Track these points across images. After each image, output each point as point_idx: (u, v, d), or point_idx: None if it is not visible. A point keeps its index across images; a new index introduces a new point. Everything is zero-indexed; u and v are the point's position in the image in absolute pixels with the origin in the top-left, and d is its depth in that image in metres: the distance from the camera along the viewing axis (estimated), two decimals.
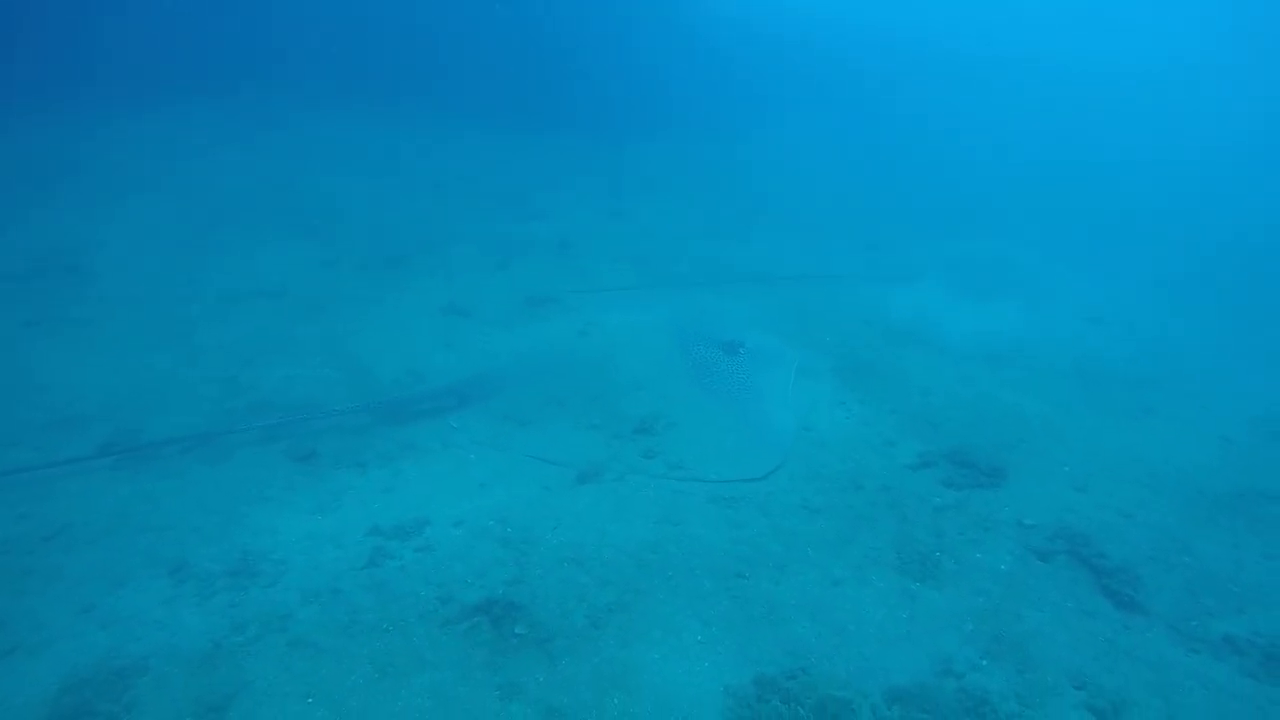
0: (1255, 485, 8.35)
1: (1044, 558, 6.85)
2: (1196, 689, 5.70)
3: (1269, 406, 10.30)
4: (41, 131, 18.69)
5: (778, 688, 5.35)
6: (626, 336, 9.16)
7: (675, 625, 5.93)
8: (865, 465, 8.18)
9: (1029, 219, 19.03)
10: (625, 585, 6.32)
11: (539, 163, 20.58)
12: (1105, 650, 5.94)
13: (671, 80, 28.13)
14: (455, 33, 27.36)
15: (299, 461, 7.87)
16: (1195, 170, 25.16)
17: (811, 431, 8.74)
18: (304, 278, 12.11)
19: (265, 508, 7.19)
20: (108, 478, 7.53)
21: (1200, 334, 12.99)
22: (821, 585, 6.42)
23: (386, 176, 18.16)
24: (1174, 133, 29.39)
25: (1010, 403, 9.62)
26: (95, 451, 7.81)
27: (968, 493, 7.78)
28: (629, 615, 6.02)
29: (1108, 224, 19.25)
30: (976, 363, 10.81)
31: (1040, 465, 8.33)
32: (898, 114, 31.17)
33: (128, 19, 24.92)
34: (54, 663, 5.52)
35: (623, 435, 8.21)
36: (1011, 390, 10.00)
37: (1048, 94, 33.85)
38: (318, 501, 7.31)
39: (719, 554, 6.72)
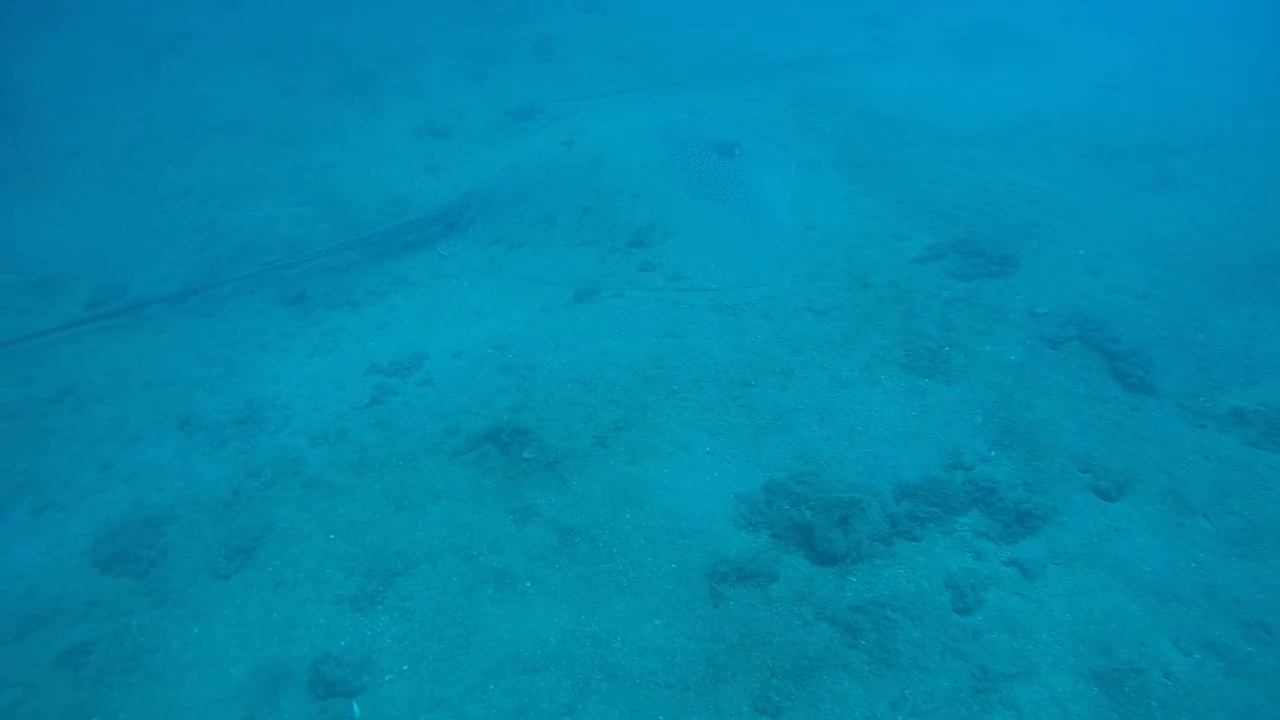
0: (1277, 251, 8.06)
1: (1055, 345, 6.72)
2: (1200, 462, 5.75)
3: None
4: None
5: (787, 492, 5.43)
6: (614, 144, 8.56)
7: (683, 439, 5.95)
8: (871, 261, 7.90)
9: None
10: (630, 403, 6.29)
11: None
12: (1113, 433, 5.95)
13: None
14: None
15: (290, 305, 7.68)
16: None
17: (814, 230, 8.38)
18: (265, 109, 11.30)
19: (263, 355, 7.09)
20: (101, 338, 7.41)
21: (1233, 96, 12.09)
22: (829, 388, 6.37)
23: None
24: None
25: (1023, 185, 9.13)
26: (87, 313, 7.63)
27: (978, 283, 7.55)
28: (636, 432, 6.03)
29: None
30: (987, 144, 10.20)
31: (1054, 250, 8.01)
32: None
33: None
34: (87, 516, 5.66)
35: (618, 249, 7.89)
36: (1024, 171, 9.47)
37: None
38: (313, 344, 7.19)
39: (724, 364, 6.64)
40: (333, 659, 4.55)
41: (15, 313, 7.67)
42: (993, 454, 5.75)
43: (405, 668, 4.60)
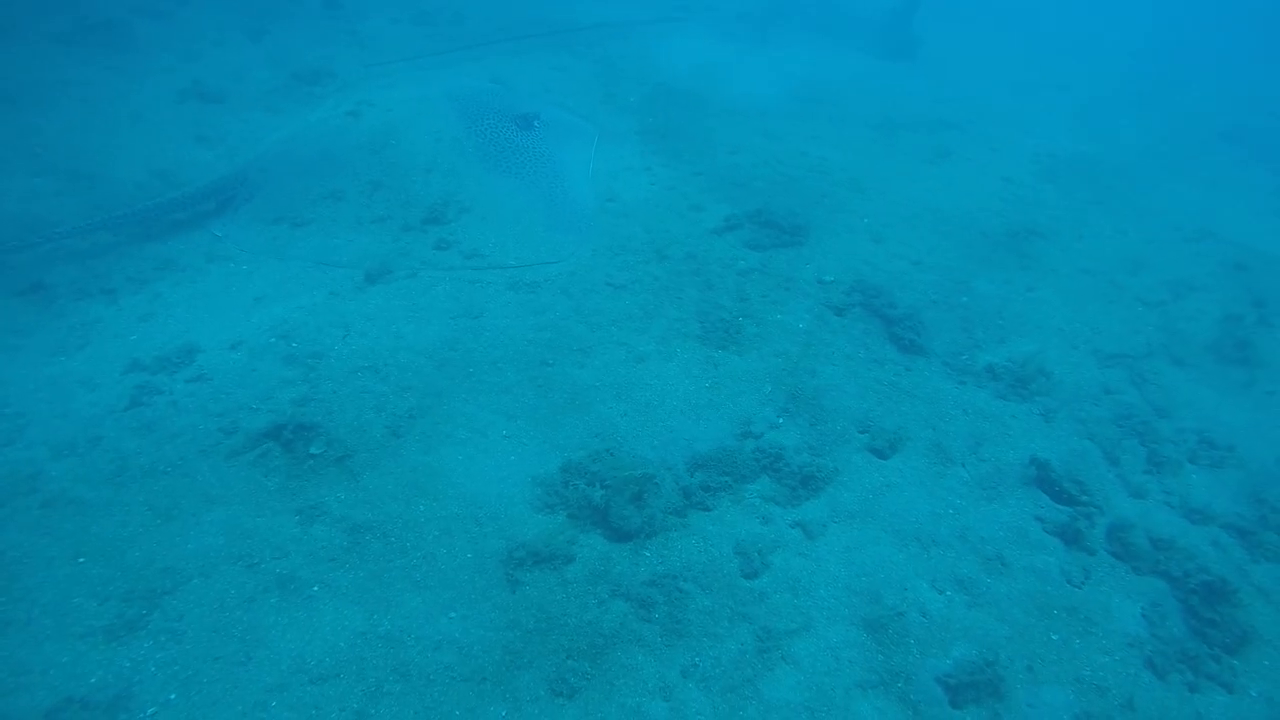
0: (1026, 222, 8.98)
1: (840, 312, 7.13)
2: (959, 416, 6.33)
3: (1047, 142, 10.90)
4: None
5: (584, 471, 5.42)
6: (406, 115, 8.07)
7: (479, 423, 5.78)
8: (671, 233, 8.01)
9: None
10: (425, 388, 6.03)
11: None
12: (889, 394, 6.41)
13: None
14: None
15: (22, 296, 6.68)
16: None
17: (615, 202, 8.37)
18: None
19: None
20: None
21: (1004, 71, 13.28)
22: (627, 364, 6.41)
23: None
24: None
25: (816, 156, 9.58)
26: None
27: (771, 253, 7.85)
28: (431, 419, 5.79)
29: None
30: (786, 115, 10.59)
31: (841, 220, 8.48)
32: None
33: None
34: None
35: (411, 226, 7.50)
36: (818, 144, 9.93)
37: None
38: (56, 341, 6.32)
39: (522, 343, 6.51)
40: (77, 702, 4.06)
41: None
42: (780, 421, 6.03)
43: (173, 696, 4.19)
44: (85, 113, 8.93)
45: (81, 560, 4.78)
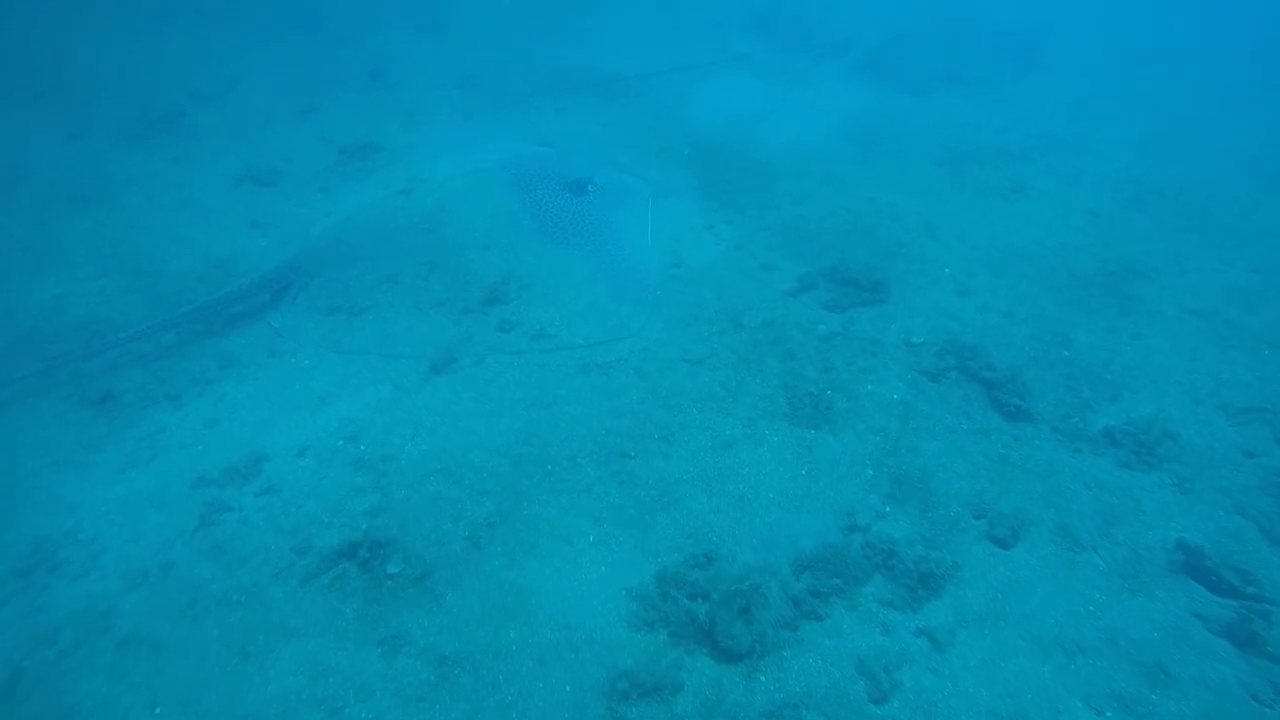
0: (1119, 257, 8.38)
1: (934, 378, 6.63)
2: (1081, 491, 5.76)
3: (1126, 167, 10.28)
4: None
5: (681, 581, 5.00)
6: (457, 190, 7.83)
7: (564, 530, 5.40)
8: (743, 297, 7.60)
9: None
10: (503, 491, 5.68)
11: None
12: (999, 470, 5.88)
13: None
14: None
15: (94, 406, 6.54)
16: None
17: (681, 267, 8.00)
18: (47, 157, 9.74)
19: (59, 476, 5.97)
20: None
21: (1071, 97, 12.69)
22: (714, 451, 5.99)
23: (129, 5, 14.25)
24: None
25: (884, 202, 9.11)
26: None
27: (852, 314, 7.40)
28: (511, 526, 5.43)
29: None
30: (845, 158, 10.16)
31: (921, 270, 7.99)
32: None
33: None
34: None
35: (472, 309, 7.22)
36: (883, 187, 9.47)
37: None
38: (126, 455, 6.13)
39: (600, 433, 6.13)
40: None
41: None
42: (887, 509, 5.53)
43: None
44: (147, 207, 8.91)
45: (158, 710, 4.49)
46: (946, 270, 8.01)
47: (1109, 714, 4.39)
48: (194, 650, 4.77)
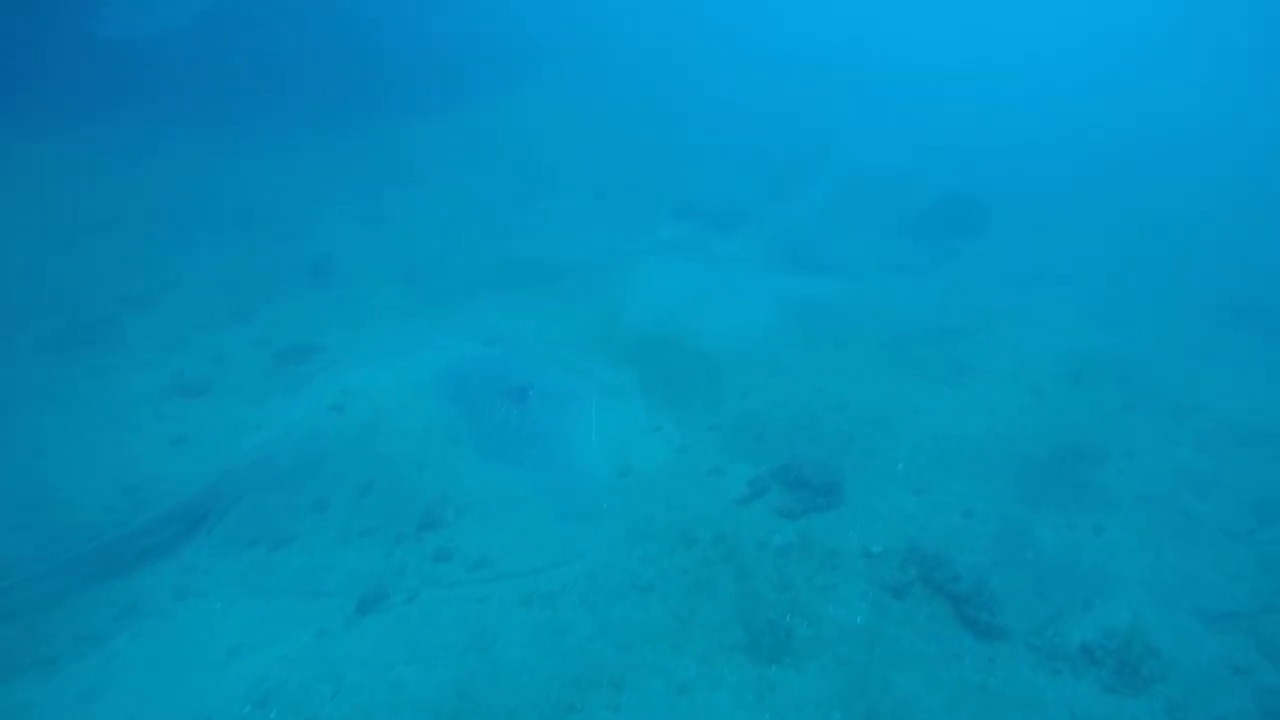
0: (1069, 440, 8.31)
1: (899, 594, 6.24)
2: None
3: (1064, 341, 10.49)
4: None
5: None
6: (392, 405, 7.53)
7: None
8: (694, 507, 7.25)
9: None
10: None
11: (282, 164, 17.41)
12: (978, 699, 5.40)
13: (413, 46, 24.22)
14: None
15: None
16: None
17: (629, 475, 7.67)
18: None
19: None
20: None
21: (1003, 269, 13.16)
22: (668, 697, 5.41)
23: (61, 205, 13.87)
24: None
25: (832, 391, 9.04)
26: None
27: (807, 520, 7.07)
28: None
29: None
30: (788, 343, 10.19)
31: (874, 467, 7.78)
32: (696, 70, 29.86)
33: None
34: None
35: (406, 535, 6.72)
36: (830, 375, 9.43)
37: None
38: None
39: (543, 680, 5.53)
40: None
41: None
42: None
43: None
44: (58, 427, 8.37)
45: None
46: (900, 466, 7.82)
47: None
48: None
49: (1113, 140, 21.26)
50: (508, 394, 7.77)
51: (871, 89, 26.10)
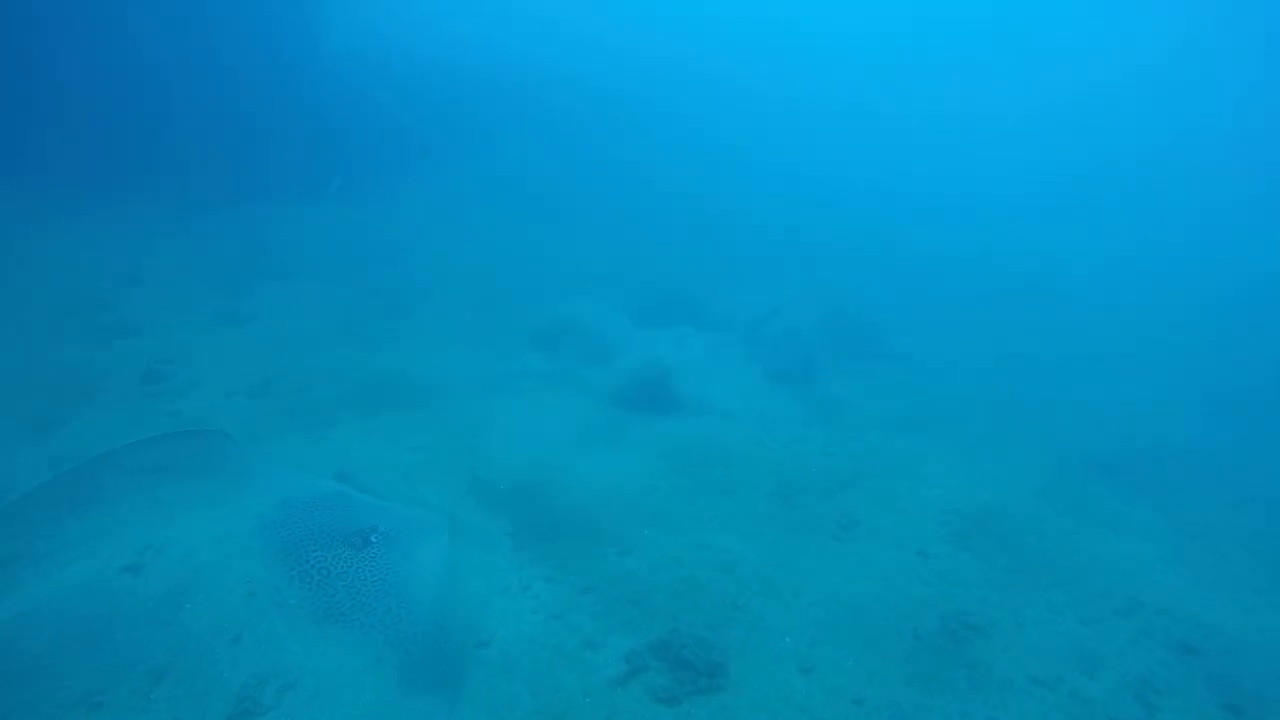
0: (957, 611, 7.96)
1: None
2: None
3: (944, 495, 10.39)
4: None
5: None
6: (206, 560, 6.32)
7: None
8: (564, 690, 6.32)
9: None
10: None
11: (124, 248, 15.84)
12: None
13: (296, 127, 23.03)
14: None
15: None
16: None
17: (490, 647, 6.69)
18: None
19: None
20: None
21: (888, 407, 13.15)
22: None
23: None
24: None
25: (717, 548, 8.44)
26: None
27: (689, 707, 6.28)
28: None
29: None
30: (672, 492, 9.57)
31: (760, 642, 7.13)
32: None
33: None
34: None
35: None
36: (715, 528, 8.86)
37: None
38: None
39: None
40: None
41: None
42: None
43: None
44: None
45: None
46: (787, 640, 7.21)
47: None
48: None
49: (1009, 266, 22.50)
50: (348, 540, 6.69)
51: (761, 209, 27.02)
